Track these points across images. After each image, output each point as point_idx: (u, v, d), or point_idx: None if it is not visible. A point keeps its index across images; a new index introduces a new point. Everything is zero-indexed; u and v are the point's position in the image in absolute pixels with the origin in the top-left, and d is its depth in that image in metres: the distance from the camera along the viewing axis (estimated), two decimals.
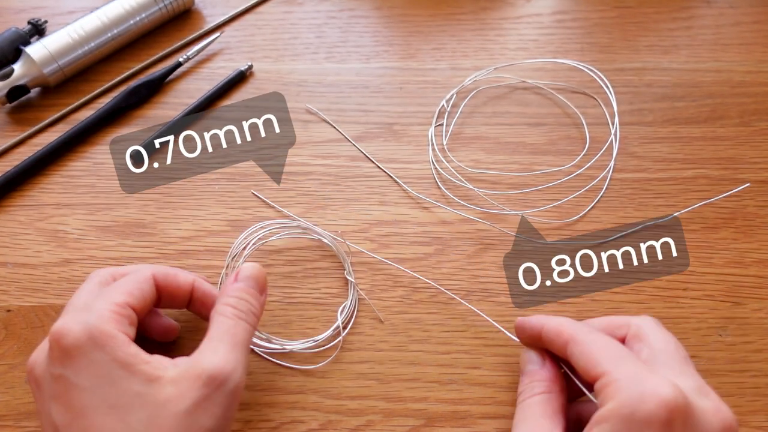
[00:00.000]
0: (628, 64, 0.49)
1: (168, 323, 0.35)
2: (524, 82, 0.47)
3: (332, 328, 0.36)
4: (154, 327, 0.34)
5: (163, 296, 0.32)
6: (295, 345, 0.35)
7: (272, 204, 0.41)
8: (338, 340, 0.36)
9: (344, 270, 0.38)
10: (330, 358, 0.35)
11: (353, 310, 0.37)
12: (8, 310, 0.37)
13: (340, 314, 0.36)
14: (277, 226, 0.39)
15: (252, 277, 0.31)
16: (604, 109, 0.46)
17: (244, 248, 0.38)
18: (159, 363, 0.27)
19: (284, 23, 0.53)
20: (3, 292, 0.38)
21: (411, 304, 0.37)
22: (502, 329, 0.36)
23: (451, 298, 0.37)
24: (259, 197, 0.41)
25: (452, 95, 0.46)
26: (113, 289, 0.29)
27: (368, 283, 0.38)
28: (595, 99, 0.47)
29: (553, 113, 0.46)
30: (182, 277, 0.32)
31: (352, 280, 0.37)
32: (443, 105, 0.41)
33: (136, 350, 0.27)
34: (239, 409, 0.34)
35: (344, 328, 0.36)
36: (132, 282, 0.30)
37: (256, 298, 0.31)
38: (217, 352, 0.27)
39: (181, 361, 0.27)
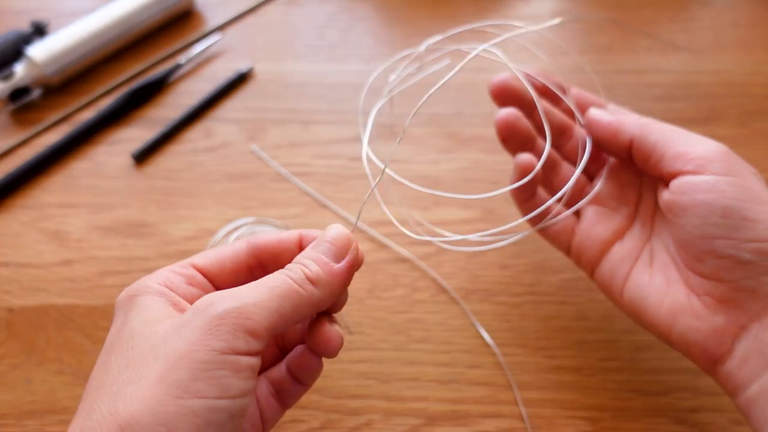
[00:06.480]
0: (627, 66, 0.49)
1: (328, 333, 0.25)
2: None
3: None
4: (311, 335, 0.26)
5: (264, 257, 0.26)
6: None
7: (270, 162, 0.41)
8: None
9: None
10: None
11: None
12: (10, 310, 0.38)
13: None
14: (259, 227, 0.39)
15: (324, 240, 0.25)
16: None
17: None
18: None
19: (285, 24, 0.53)
20: (5, 292, 0.38)
21: (411, 304, 0.37)
22: (486, 335, 0.36)
23: (451, 297, 0.37)
24: (258, 154, 0.41)
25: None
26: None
27: (368, 283, 0.38)
28: None
29: None
30: (286, 232, 0.27)
31: None
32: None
33: (173, 299, 0.24)
34: None
35: None
36: (212, 250, 0.27)
37: (314, 260, 0.24)
38: (228, 290, 0.23)
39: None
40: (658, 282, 0.29)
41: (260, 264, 0.27)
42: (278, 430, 0.33)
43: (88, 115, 0.47)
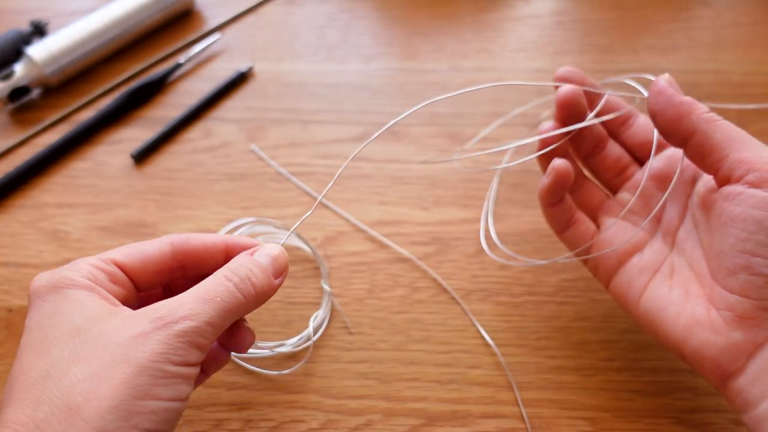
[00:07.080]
0: (627, 65, 0.49)
1: (245, 333, 0.29)
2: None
3: (301, 335, 0.36)
4: (229, 334, 0.29)
5: (187, 261, 0.28)
6: (263, 351, 0.35)
7: (270, 162, 0.41)
8: (308, 344, 0.35)
9: (332, 275, 0.38)
10: (298, 365, 0.35)
11: (324, 319, 0.37)
12: (10, 310, 0.38)
13: (312, 321, 0.36)
14: (259, 227, 0.39)
15: (268, 254, 0.28)
16: None
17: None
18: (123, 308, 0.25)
19: (285, 24, 0.53)
20: (5, 292, 0.38)
21: (411, 304, 0.37)
22: (486, 335, 0.36)
23: (451, 297, 0.37)
24: (257, 153, 0.41)
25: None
26: (110, 250, 0.28)
27: (368, 283, 0.38)
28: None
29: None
30: (211, 237, 0.29)
31: (328, 289, 0.37)
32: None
33: (103, 295, 0.25)
34: (239, 408, 0.34)
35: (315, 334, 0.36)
36: (135, 244, 0.28)
37: (262, 271, 0.27)
38: (178, 299, 0.25)
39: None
40: (676, 295, 0.29)
41: (182, 267, 0.29)
42: (278, 430, 0.33)
43: (87, 114, 0.47)
